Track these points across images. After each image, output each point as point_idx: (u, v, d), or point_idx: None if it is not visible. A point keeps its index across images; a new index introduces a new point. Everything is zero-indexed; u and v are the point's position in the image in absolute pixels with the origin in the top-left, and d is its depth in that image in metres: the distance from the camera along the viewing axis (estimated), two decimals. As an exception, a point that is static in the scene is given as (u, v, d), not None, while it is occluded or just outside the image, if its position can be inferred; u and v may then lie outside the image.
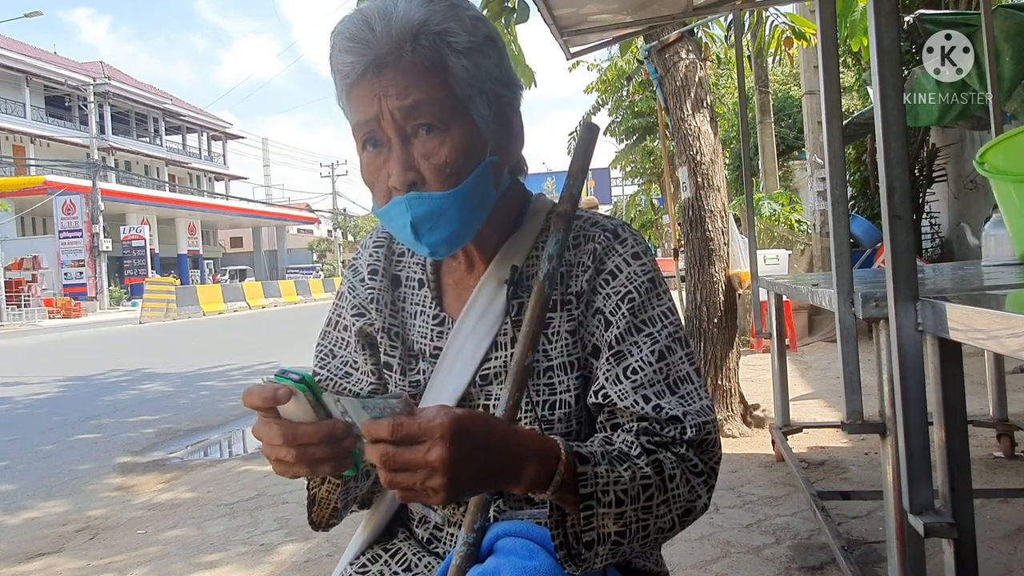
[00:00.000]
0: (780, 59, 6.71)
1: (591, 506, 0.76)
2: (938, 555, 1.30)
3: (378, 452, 0.67)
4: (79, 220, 28.42)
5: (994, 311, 1.02)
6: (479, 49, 0.87)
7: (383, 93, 0.84)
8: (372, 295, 1.04)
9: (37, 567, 2.82)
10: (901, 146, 1.23)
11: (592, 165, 0.97)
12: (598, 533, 0.77)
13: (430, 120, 0.85)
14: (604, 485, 0.77)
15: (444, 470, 0.67)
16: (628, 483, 0.78)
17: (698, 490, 0.85)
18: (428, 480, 0.67)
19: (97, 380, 8.28)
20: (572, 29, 3.42)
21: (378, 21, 0.83)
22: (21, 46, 35.16)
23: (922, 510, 1.22)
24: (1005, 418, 3.21)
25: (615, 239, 0.94)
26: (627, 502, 0.78)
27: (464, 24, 0.86)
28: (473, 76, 0.86)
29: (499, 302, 0.95)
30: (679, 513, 0.83)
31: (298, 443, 0.73)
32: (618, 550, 0.79)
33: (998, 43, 3.55)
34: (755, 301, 3.92)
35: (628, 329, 0.91)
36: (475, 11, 0.89)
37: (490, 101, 0.89)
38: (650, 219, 21.72)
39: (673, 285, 7.30)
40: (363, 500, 1.02)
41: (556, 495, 0.75)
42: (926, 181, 7.97)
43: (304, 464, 0.74)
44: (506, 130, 0.93)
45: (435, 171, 0.85)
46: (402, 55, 0.83)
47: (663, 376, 0.89)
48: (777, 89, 17.45)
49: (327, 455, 0.74)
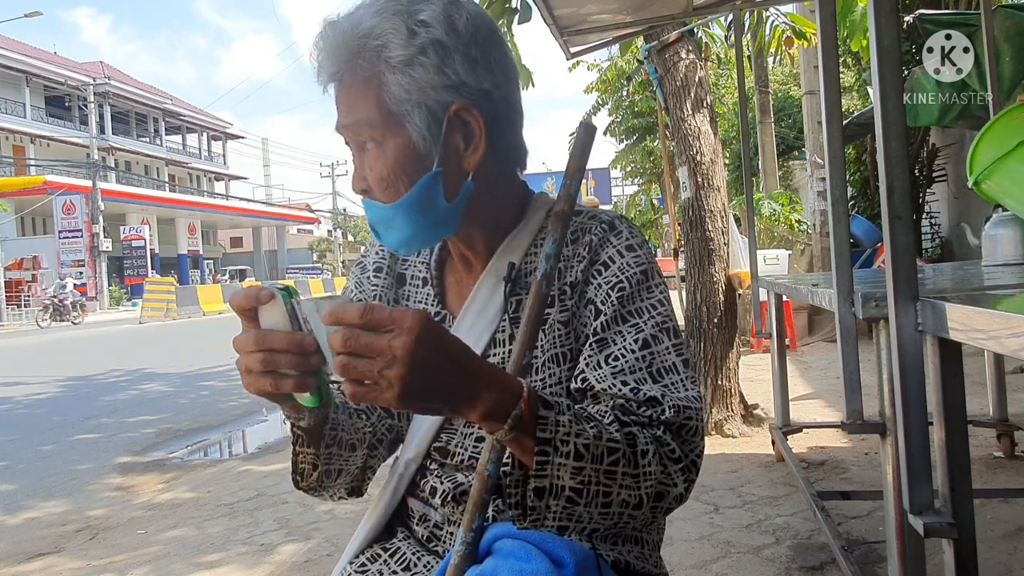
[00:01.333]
0: (780, 59, 6.72)
1: (547, 451, 0.74)
2: (938, 555, 1.30)
3: (341, 335, 0.67)
4: (79, 220, 28.42)
5: (994, 311, 1.02)
6: (415, 61, 0.85)
7: (338, 108, 0.90)
8: (376, 292, 1.06)
9: (37, 567, 2.82)
10: (901, 146, 1.23)
11: (592, 165, 0.97)
12: (551, 483, 0.75)
13: (368, 137, 0.88)
14: (564, 435, 0.74)
15: (405, 360, 0.66)
16: (592, 440, 0.76)
17: (674, 477, 0.82)
18: (386, 369, 0.66)
19: (97, 380, 8.28)
20: (572, 29, 3.42)
21: (328, 39, 0.88)
22: (21, 46, 35.16)
23: (922, 510, 1.22)
24: (1005, 418, 3.21)
25: (611, 231, 0.94)
26: (587, 459, 0.75)
27: (401, 36, 0.85)
28: (407, 90, 0.86)
29: (497, 299, 0.96)
30: (649, 493, 0.80)
31: (266, 347, 0.73)
32: (574, 512, 0.77)
33: (998, 43, 3.55)
34: (755, 301, 3.92)
35: (615, 318, 0.90)
36: (428, 13, 0.86)
37: (432, 111, 0.87)
38: (650, 219, 21.71)
39: (673, 285, 7.31)
40: (352, 487, 1.01)
41: (512, 436, 0.73)
42: (926, 181, 7.97)
43: (269, 375, 0.74)
44: (463, 135, 0.89)
45: (376, 183, 0.90)
46: (344, 74, 0.87)
47: (645, 364, 0.87)
48: (777, 89, 17.45)
49: (292, 365, 0.73)
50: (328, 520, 3.05)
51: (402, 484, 1.02)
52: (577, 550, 0.86)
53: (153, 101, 42.07)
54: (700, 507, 2.84)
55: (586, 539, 0.93)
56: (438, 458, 1.00)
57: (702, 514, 2.77)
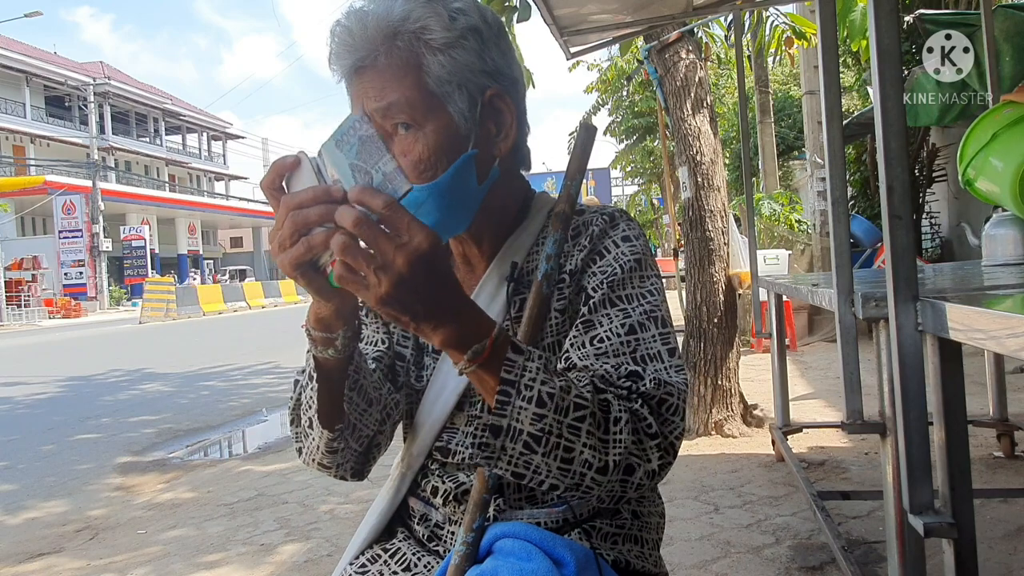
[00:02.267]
0: (780, 59, 6.72)
1: (508, 392, 0.74)
2: (938, 555, 1.30)
3: (352, 214, 0.67)
4: (79, 220, 28.42)
5: (994, 311, 1.02)
6: (457, 43, 0.86)
7: (364, 95, 0.86)
8: None
9: (37, 567, 2.82)
10: (901, 146, 1.24)
11: (592, 165, 0.97)
12: (509, 424, 0.74)
13: (405, 119, 0.86)
14: (530, 380, 0.75)
15: (401, 272, 0.67)
16: (558, 391, 0.75)
17: (648, 452, 0.80)
18: (380, 270, 0.67)
19: (97, 380, 8.28)
20: (572, 29, 3.42)
21: (356, 25, 0.85)
22: (21, 46, 35.15)
23: (922, 510, 1.22)
24: (1005, 418, 3.21)
25: (610, 223, 0.95)
26: (550, 408, 0.75)
27: (442, 20, 0.85)
28: (450, 71, 0.86)
29: (500, 300, 0.96)
30: (617, 460, 0.78)
31: (294, 204, 0.71)
32: (532, 460, 0.75)
33: (998, 43, 3.55)
34: (755, 301, 3.93)
35: (602, 301, 0.90)
36: (462, 4, 0.88)
37: (471, 94, 0.88)
38: (650, 219, 21.72)
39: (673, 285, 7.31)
40: (356, 468, 0.99)
41: (473, 370, 0.74)
42: (926, 181, 7.97)
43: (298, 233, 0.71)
44: (495, 121, 0.91)
45: (411, 167, 0.86)
46: (378, 57, 0.85)
47: (629, 349, 0.87)
48: (777, 89, 17.46)
49: (321, 217, 0.70)
50: (328, 520, 3.05)
51: (404, 483, 1.02)
52: (577, 549, 0.86)
53: (153, 101, 42.07)
54: (700, 507, 2.85)
55: (585, 538, 0.93)
56: (439, 458, 1.00)
57: (702, 514, 2.77)
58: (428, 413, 0.99)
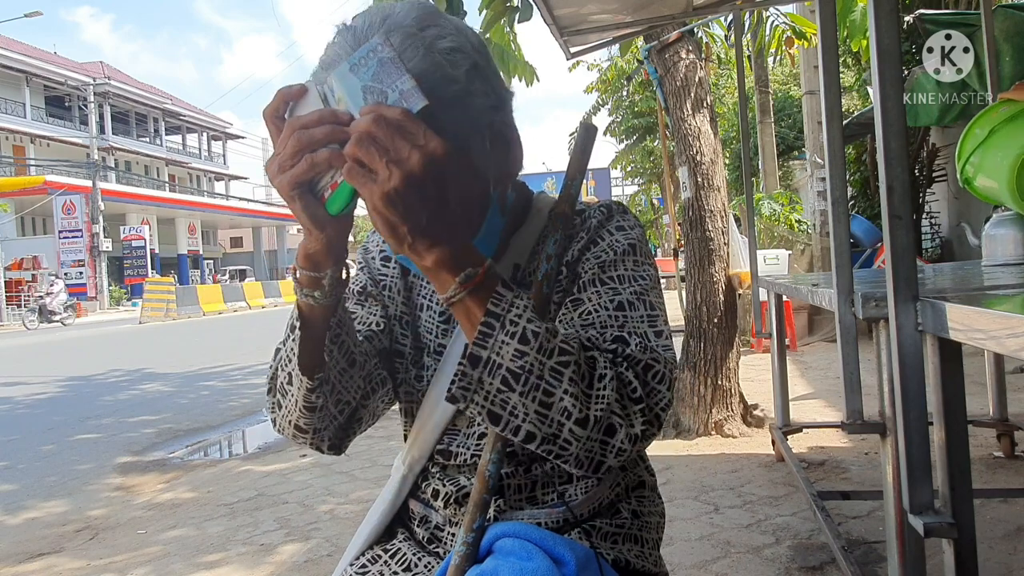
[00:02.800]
0: (780, 59, 6.72)
1: (492, 325, 0.73)
2: (938, 555, 1.30)
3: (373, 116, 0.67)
4: (79, 220, 28.42)
5: (994, 311, 1.02)
6: (466, 91, 0.81)
7: None
8: (385, 281, 1.05)
9: (37, 567, 2.82)
10: (901, 146, 1.23)
11: (592, 165, 0.97)
12: (488, 356, 0.73)
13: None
14: (515, 316, 0.74)
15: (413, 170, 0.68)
16: (543, 332, 0.74)
17: (632, 416, 0.78)
18: (393, 165, 0.67)
19: (97, 380, 8.28)
20: (572, 29, 3.42)
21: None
22: (21, 46, 35.15)
23: (922, 510, 1.22)
24: (1005, 418, 3.21)
25: (607, 215, 0.96)
26: (533, 346, 0.73)
27: (443, 70, 0.78)
28: (466, 123, 0.81)
29: None
30: (599, 416, 0.76)
31: (299, 124, 0.70)
32: (508, 400, 0.73)
33: (998, 43, 3.56)
34: (755, 301, 3.93)
35: (592, 280, 0.90)
36: (450, 40, 0.81)
37: (484, 135, 0.85)
38: (650, 219, 21.72)
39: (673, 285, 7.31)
40: (333, 441, 0.95)
41: (461, 298, 0.73)
42: (926, 181, 7.98)
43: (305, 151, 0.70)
44: (504, 148, 0.89)
45: None
46: None
47: (617, 324, 0.85)
48: (777, 89, 17.46)
49: (326, 137, 0.70)
50: (328, 520, 3.05)
51: (405, 486, 1.02)
52: (577, 549, 0.86)
53: (153, 101, 42.07)
54: (700, 507, 2.85)
55: (585, 537, 0.93)
56: (440, 460, 0.99)
57: (702, 514, 2.77)
58: (430, 415, 0.99)
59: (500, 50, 3.35)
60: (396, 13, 0.80)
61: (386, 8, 0.81)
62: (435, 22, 0.81)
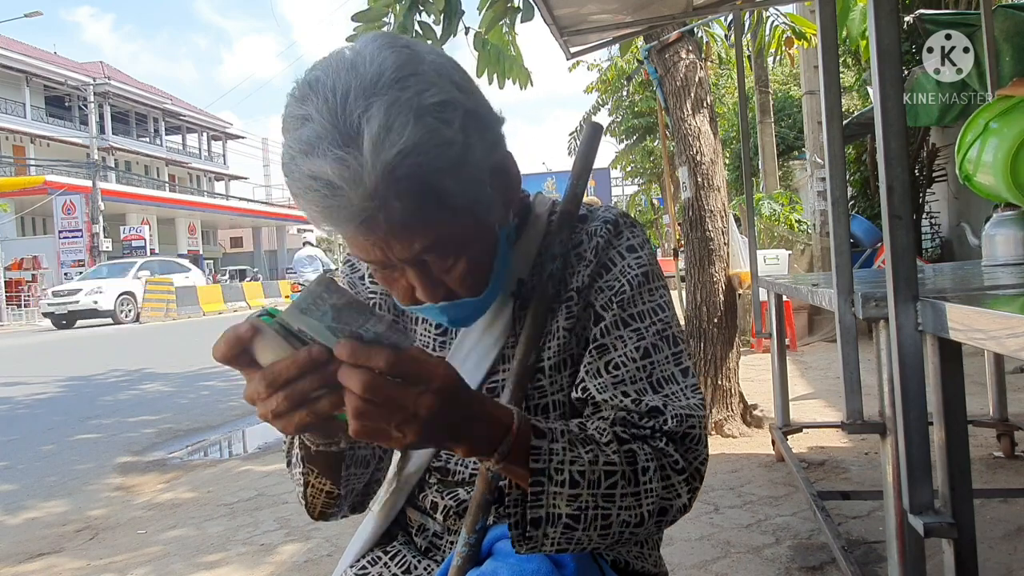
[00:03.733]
0: (780, 59, 6.72)
1: (541, 482, 0.73)
2: (938, 555, 1.30)
3: (360, 377, 0.61)
4: (79, 220, 28.39)
5: (994, 311, 1.02)
6: (465, 147, 0.73)
7: (383, 245, 0.75)
8: (373, 300, 1.02)
9: (37, 567, 2.82)
10: (901, 146, 1.23)
11: (593, 164, 0.96)
12: (547, 512, 0.73)
13: (441, 252, 0.78)
14: (559, 463, 0.73)
15: (426, 420, 0.64)
16: (587, 466, 0.74)
17: (677, 488, 0.81)
18: (404, 424, 0.63)
19: (97, 380, 8.28)
20: (572, 29, 3.42)
21: (349, 186, 0.68)
22: (21, 46, 35.14)
23: (922, 510, 1.22)
24: (1005, 418, 3.21)
25: (614, 231, 0.92)
26: (583, 485, 0.74)
27: (440, 134, 0.70)
28: (469, 180, 0.75)
29: (505, 315, 0.93)
30: (651, 510, 0.79)
31: (281, 381, 0.63)
32: (572, 536, 0.75)
33: (998, 43, 3.56)
34: (755, 301, 3.92)
35: (615, 323, 0.88)
36: (436, 93, 0.71)
37: (487, 181, 0.79)
38: (650, 219, 21.72)
39: (673, 285, 7.30)
40: (355, 504, 0.99)
41: (504, 466, 0.72)
42: (926, 181, 7.97)
43: (300, 406, 0.64)
44: (505, 181, 0.84)
45: (459, 283, 0.81)
46: (390, 207, 0.71)
47: (646, 375, 0.86)
48: (777, 89, 17.46)
49: (319, 384, 0.63)
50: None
51: (400, 498, 1.00)
52: (577, 550, 0.86)
53: (153, 101, 42.06)
54: (700, 507, 2.84)
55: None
56: (438, 476, 0.98)
57: (702, 514, 2.77)
58: None
59: (496, 51, 3.35)
60: (369, 71, 0.70)
61: (355, 62, 0.71)
62: (413, 70, 0.71)
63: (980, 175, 2.35)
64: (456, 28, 3.08)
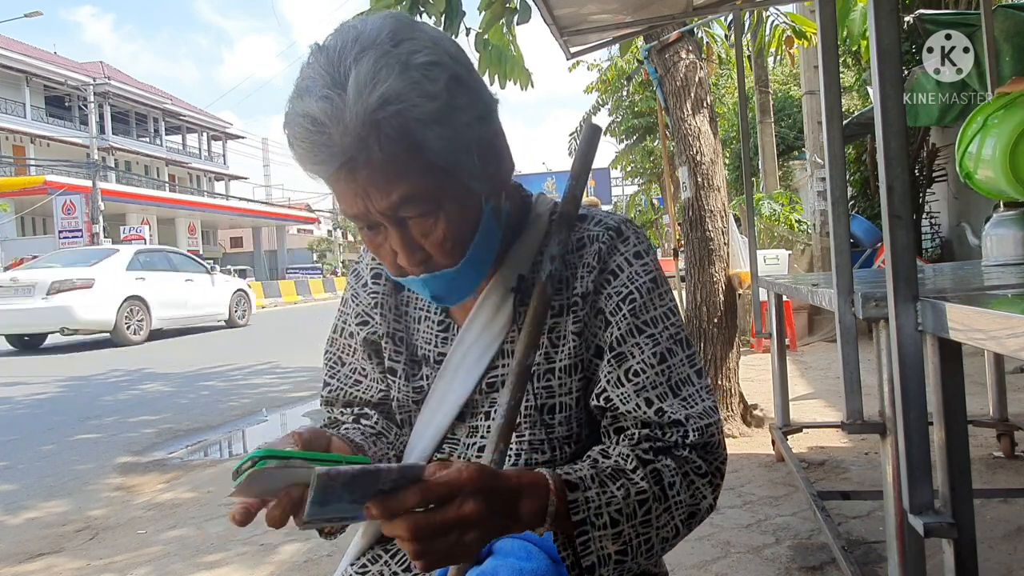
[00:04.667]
0: (780, 59, 6.72)
1: (586, 531, 0.76)
2: (938, 555, 1.30)
3: (405, 525, 0.64)
4: (79, 220, 28.39)
5: (994, 311, 1.02)
6: (447, 106, 0.77)
7: (363, 194, 0.78)
8: (375, 299, 1.03)
9: (37, 567, 2.82)
10: (901, 146, 1.23)
11: (592, 165, 0.96)
12: (598, 556, 0.77)
13: (419, 207, 0.80)
14: (597, 509, 0.77)
15: (482, 522, 0.67)
16: (622, 502, 0.78)
17: (703, 491, 0.85)
18: (464, 535, 0.66)
19: (97, 380, 8.27)
20: (572, 29, 3.42)
21: (332, 123, 0.74)
22: (21, 46, 35.15)
23: (922, 510, 1.22)
24: (1005, 418, 3.21)
25: (618, 237, 0.93)
26: (623, 521, 0.78)
27: (422, 87, 0.75)
28: (452, 139, 0.78)
29: (506, 310, 0.94)
30: (683, 519, 0.84)
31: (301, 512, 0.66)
32: (623, 567, 0.80)
33: (998, 43, 3.55)
34: (755, 301, 3.92)
35: (630, 330, 0.90)
36: (426, 54, 0.77)
37: (474, 148, 0.81)
38: (650, 219, 21.72)
39: (673, 285, 7.30)
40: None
41: (552, 525, 0.76)
42: (926, 181, 7.98)
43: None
44: (494, 158, 0.86)
45: (437, 248, 0.83)
46: (370, 152, 0.75)
47: (665, 379, 0.89)
48: (777, 89, 17.46)
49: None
50: (328, 520, 3.05)
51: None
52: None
53: (153, 101, 42.07)
54: (700, 507, 2.84)
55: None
56: None
57: (702, 514, 2.77)
58: (428, 423, 0.99)
59: (498, 52, 3.35)
60: (368, 30, 0.77)
61: (358, 26, 0.79)
62: (409, 35, 0.78)
63: (980, 170, 2.35)
64: (457, 29, 3.08)
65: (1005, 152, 2.18)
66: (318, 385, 1.16)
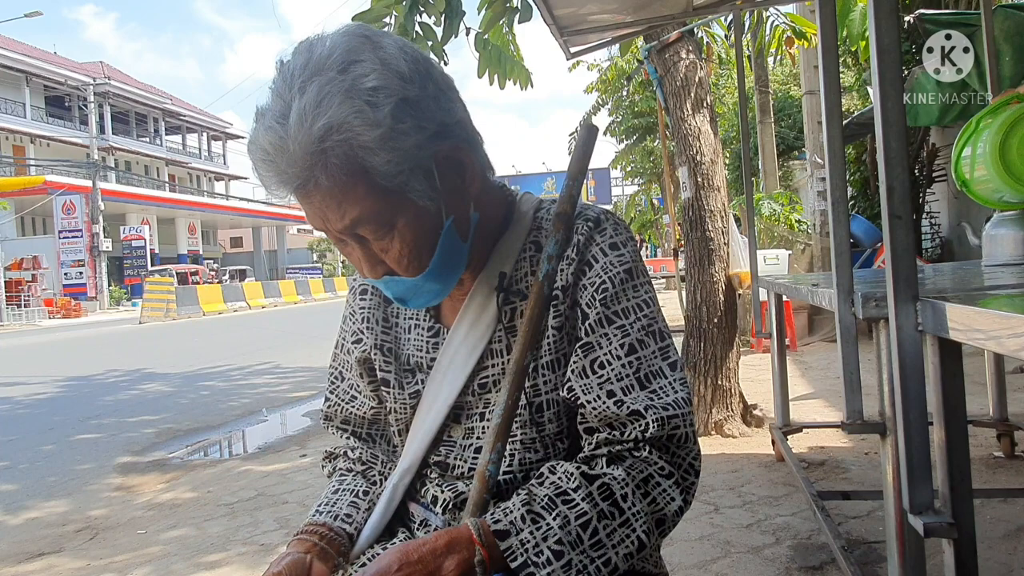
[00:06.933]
0: (780, 59, 6.72)
1: (532, 573, 0.76)
2: (938, 555, 1.30)
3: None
4: (79, 220, 28.41)
5: (994, 311, 1.02)
6: (391, 131, 0.78)
7: (321, 215, 0.82)
8: (364, 314, 1.05)
9: (37, 567, 2.82)
10: (901, 146, 1.23)
11: (592, 165, 0.96)
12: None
13: (373, 228, 0.82)
14: (535, 548, 0.77)
15: None
16: (560, 531, 0.78)
17: (668, 493, 0.83)
18: None
19: (97, 380, 8.28)
20: (572, 29, 3.41)
21: (276, 153, 0.77)
22: (21, 46, 35.15)
23: (922, 510, 1.22)
24: (1005, 418, 3.21)
25: (596, 228, 0.92)
26: (567, 550, 0.77)
27: (365, 114, 0.76)
28: (398, 162, 0.79)
29: (490, 310, 0.94)
30: (645, 529, 0.81)
31: None
32: None
33: (998, 43, 3.55)
34: (755, 301, 3.92)
35: (599, 320, 0.89)
36: (374, 78, 0.77)
37: (426, 169, 0.82)
38: (650, 219, 21.73)
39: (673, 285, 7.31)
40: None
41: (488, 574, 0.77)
42: (926, 181, 7.98)
43: None
44: (457, 173, 0.86)
45: (396, 263, 0.86)
46: (318, 180, 0.78)
47: (632, 371, 0.87)
48: (777, 89, 17.45)
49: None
50: (328, 520, 3.05)
51: (397, 493, 1.02)
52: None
53: (153, 101, 42.08)
54: (700, 507, 2.84)
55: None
56: (438, 471, 0.99)
57: (702, 514, 2.77)
58: (420, 425, 0.99)
59: (497, 52, 3.35)
60: (318, 54, 0.78)
61: (313, 46, 0.80)
62: (359, 57, 0.78)
63: (976, 170, 2.35)
64: (457, 29, 3.08)
65: (995, 146, 2.19)
66: (318, 385, 1.17)
